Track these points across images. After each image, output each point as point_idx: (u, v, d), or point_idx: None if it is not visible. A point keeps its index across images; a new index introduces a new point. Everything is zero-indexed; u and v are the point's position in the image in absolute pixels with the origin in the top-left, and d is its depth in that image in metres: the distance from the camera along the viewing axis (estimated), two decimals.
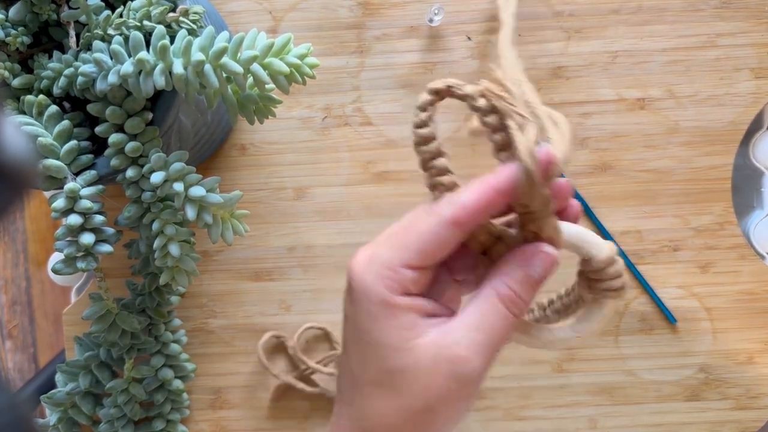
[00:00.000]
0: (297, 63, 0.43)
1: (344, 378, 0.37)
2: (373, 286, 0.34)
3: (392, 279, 0.34)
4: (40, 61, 0.46)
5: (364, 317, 0.34)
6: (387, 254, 0.34)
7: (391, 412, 0.35)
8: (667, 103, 0.60)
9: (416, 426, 0.35)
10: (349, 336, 0.36)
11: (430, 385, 0.34)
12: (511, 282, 0.35)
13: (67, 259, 0.45)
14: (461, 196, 0.34)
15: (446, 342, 0.34)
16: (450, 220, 0.34)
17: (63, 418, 0.58)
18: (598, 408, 0.61)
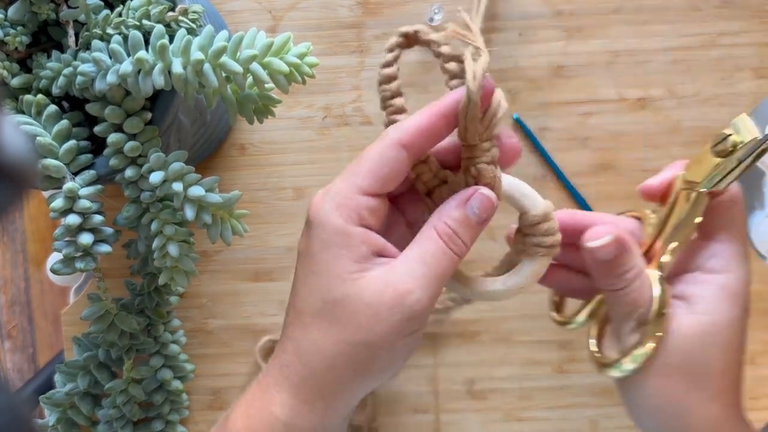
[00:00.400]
0: (297, 62, 0.43)
1: (289, 313, 0.37)
2: (330, 214, 0.35)
3: (348, 207, 0.35)
4: (39, 61, 0.46)
5: (317, 246, 0.35)
6: (342, 185, 0.36)
7: (329, 344, 0.34)
8: (669, 103, 0.60)
9: (354, 362, 0.35)
10: (299, 271, 0.36)
11: (372, 317, 0.34)
12: (450, 220, 0.36)
13: (65, 259, 0.45)
14: (408, 120, 0.36)
15: (392, 276, 0.34)
16: (396, 141, 0.35)
17: (62, 418, 0.58)
18: (599, 409, 0.60)
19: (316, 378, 0.35)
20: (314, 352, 0.35)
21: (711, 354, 0.36)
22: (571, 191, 0.60)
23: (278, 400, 0.35)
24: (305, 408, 0.35)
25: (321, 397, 0.35)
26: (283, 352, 0.36)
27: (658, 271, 0.37)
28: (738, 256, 0.37)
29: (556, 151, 0.60)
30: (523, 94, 0.60)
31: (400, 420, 0.61)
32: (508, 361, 0.61)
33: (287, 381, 0.35)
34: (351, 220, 0.35)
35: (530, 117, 0.60)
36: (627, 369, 0.37)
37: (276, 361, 0.37)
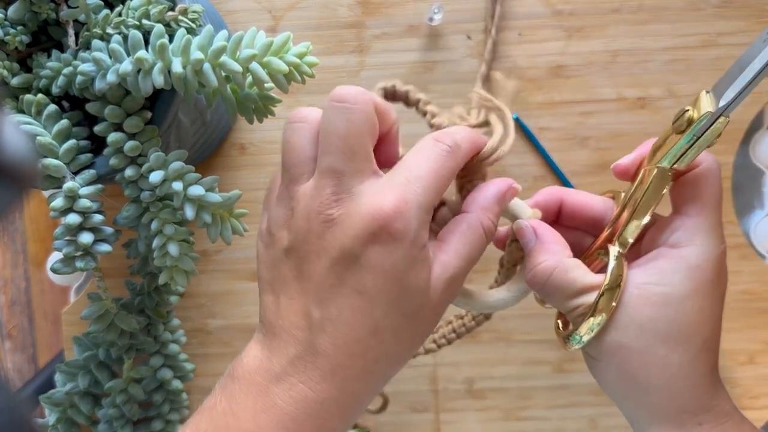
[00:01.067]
0: (296, 62, 0.43)
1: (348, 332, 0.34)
2: (418, 231, 0.34)
3: (428, 221, 0.35)
4: (39, 60, 0.46)
5: (407, 264, 0.34)
6: (423, 198, 0.35)
7: (405, 352, 0.36)
8: (668, 103, 0.60)
9: (410, 354, 0.37)
10: (375, 287, 0.34)
11: (436, 316, 0.36)
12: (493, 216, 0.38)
13: (65, 258, 0.45)
14: (462, 134, 0.38)
15: (448, 275, 0.36)
16: (465, 155, 0.37)
17: (62, 418, 0.58)
18: (599, 408, 0.61)
19: (380, 385, 0.37)
20: (390, 363, 0.36)
21: (661, 327, 0.36)
22: None
23: (337, 415, 0.35)
24: (359, 412, 0.37)
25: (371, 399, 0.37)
26: (344, 368, 0.35)
27: (617, 248, 0.38)
28: (703, 230, 0.37)
29: (556, 151, 0.60)
30: (522, 93, 0.60)
31: (399, 419, 0.61)
32: (508, 361, 0.61)
33: (350, 395, 0.35)
34: (428, 234, 0.36)
35: (530, 116, 0.60)
36: (583, 340, 0.37)
37: (330, 377, 0.35)
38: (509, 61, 0.60)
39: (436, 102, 0.60)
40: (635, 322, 0.36)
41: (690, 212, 0.37)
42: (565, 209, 0.42)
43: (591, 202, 0.41)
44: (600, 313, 0.36)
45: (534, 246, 0.39)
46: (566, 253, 0.39)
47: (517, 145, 0.60)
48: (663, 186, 0.37)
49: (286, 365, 0.35)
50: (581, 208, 0.41)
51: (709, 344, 0.36)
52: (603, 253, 0.39)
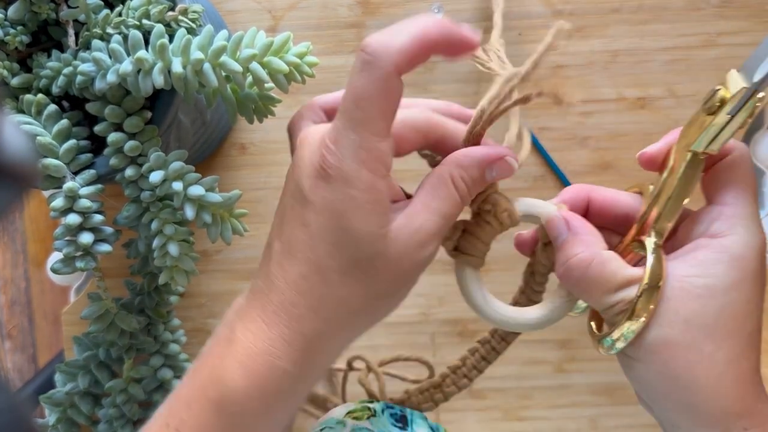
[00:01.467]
0: (296, 62, 0.43)
1: (300, 265, 0.34)
2: (358, 170, 0.32)
3: (373, 158, 0.33)
4: (39, 60, 0.46)
5: (346, 203, 0.33)
6: (356, 134, 0.33)
7: (357, 299, 0.34)
8: (668, 102, 0.60)
9: (373, 312, 0.35)
10: (318, 225, 0.34)
11: (398, 270, 0.34)
12: (468, 178, 0.35)
13: (66, 258, 0.45)
14: (394, 38, 0.32)
15: (413, 227, 0.34)
16: (395, 70, 0.32)
17: (62, 418, 0.58)
18: (599, 408, 0.60)
19: (333, 332, 0.35)
20: (337, 307, 0.34)
21: (707, 321, 0.34)
22: None
23: (285, 356, 0.34)
24: (308, 361, 0.35)
25: (330, 350, 0.35)
26: (293, 306, 0.35)
27: (653, 239, 0.36)
28: (743, 218, 0.35)
29: (556, 151, 0.60)
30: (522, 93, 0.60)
31: None
32: (508, 361, 0.61)
33: (302, 337, 0.34)
34: (378, 172, 0.33)
35: (530, 116, 0.60)
36: (618, 347, 0.35)
37: (281, 312, 0.35)
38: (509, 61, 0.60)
39: None
40: (680, 316, 0.34)
41: (727, 201, 0.35)
42: (593, 206, 0.39)
43: (619, 198, 0.39)
44: (639, 315, 0.34)
45: (566, 238, 0.36)
46: (602, 245, 0.36)
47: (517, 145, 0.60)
48: (697, 172, 0.35)
49: (250, 298, 0.35)
50: (609, 205, 0.39)
51: (754, 338, 0.34)
52: (638, 246, 0.37)
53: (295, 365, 0.34)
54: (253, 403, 0.35)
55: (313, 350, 0.35)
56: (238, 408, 0.35)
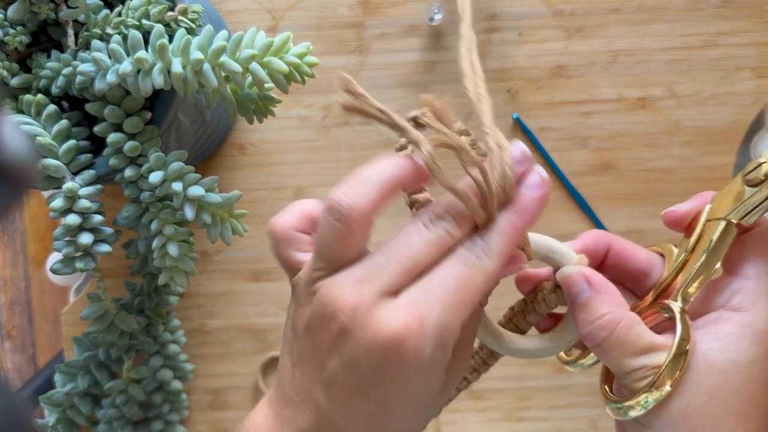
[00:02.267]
0: (296, 62, 0.43)
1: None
2: (435, 358, 0.31)
3: (450, 341, 0.31)
4: (39, 61, 0.46)
5: (415, 384, 0.32)
6: (445, 318, 0.31)
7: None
8: (668, 103, 0.60)
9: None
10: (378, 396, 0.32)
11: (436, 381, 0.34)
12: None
13: (65, 258, 0.45)
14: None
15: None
16: (497, 272, 0.32)
17: (62, 418, 0.58)
18: (599, 408, 0.60)
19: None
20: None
21: (728, 396, 0.33)
22: (570, 191, 0.60)
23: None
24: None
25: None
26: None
27: (679, 303, 0.35)
28: (766, 294, 0.34)
29: (556, 151, 0.60)
30: (522, 93, 0.60)
31: None
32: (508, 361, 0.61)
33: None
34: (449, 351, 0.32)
35: (530, 117, 0.60)
36: (631, 414, 0.34)
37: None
38: (509, 62, 0.60)
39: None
40: (703, 389, 0.33)
41: (750, 274, 0.35)
42: (611, 258, 0.38)
43: (637, 253, 0.38)
44: (664, 383, 0.33)
45: (589, 297, 0.35)
46: (625, 305, 0.35)
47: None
48: (728, 241, 0.35)
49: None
50: (627, 259, 0.38)
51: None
52: (663, 309, 0.36)
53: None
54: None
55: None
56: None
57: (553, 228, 0.60)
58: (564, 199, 0.60)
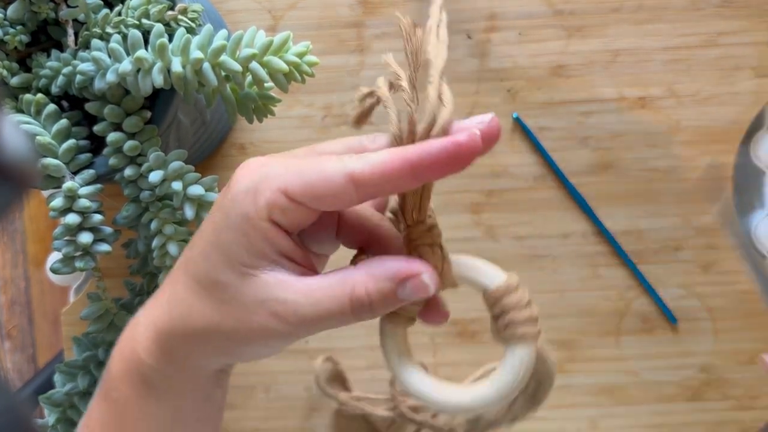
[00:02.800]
0: (296, 61, 0.43)
1: (180, 266, 0.35)
2: (245, 196, 0.32)
3: (266, 198, 0.32)
4: (39, 60, 0.46)
5: (224, 221, 0.33)
6: (275, 173, 0.32)
7: (201, 317, 0.33)
8: (668, 102, 0.60)
9: (214, 343, 0.34)
10: (203, 232, 0.34)
11: (245, 321, 0.32)
12: (375, 291, 0.32)
13: (65, 258, 0.45)
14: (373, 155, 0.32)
15: (278, 297, 0.32)
16: (349, 175, 0.31)
17: (62, 418, 0.58)
18: (599, 409, 0.60)
19: (177, 338, 0.34)
20: (186, 315, 0.34)
21: None
22: (570, 191, 0.60)
23: (144, 345, 0.35)
24: (164, 358, 0.35)
25: (180, 355, 0.35)
26: (157, 301, 0.36)
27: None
28: None
29: (556, 151, 0.60)
30: (522, 93, 0.60)
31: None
32: None
33: (154, 327, 0.35)
34: (261, 212, 0.32)
35: (530, 116, 0.60)
36: None
37: (152, 303, 0.36)
38: (509, 61, 0.60)
39: None
40: None
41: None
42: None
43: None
44: None
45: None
46: None
47: (518, 145, 0.60)
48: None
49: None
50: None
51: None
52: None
53: (150, 356, 0.35)
54: (125, 389, 0.36)
55: (165, 347, 0.35)
56: (116, 393, 0.36)
57: (554, 228, 0.60)
58: (564, 199, 0.60)
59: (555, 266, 0.60)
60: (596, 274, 0.60)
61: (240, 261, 0.32)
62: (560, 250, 0.60)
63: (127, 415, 0.36)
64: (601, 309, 0.60)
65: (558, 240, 0.60)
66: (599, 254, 0.60)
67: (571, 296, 0.60)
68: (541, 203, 0.60)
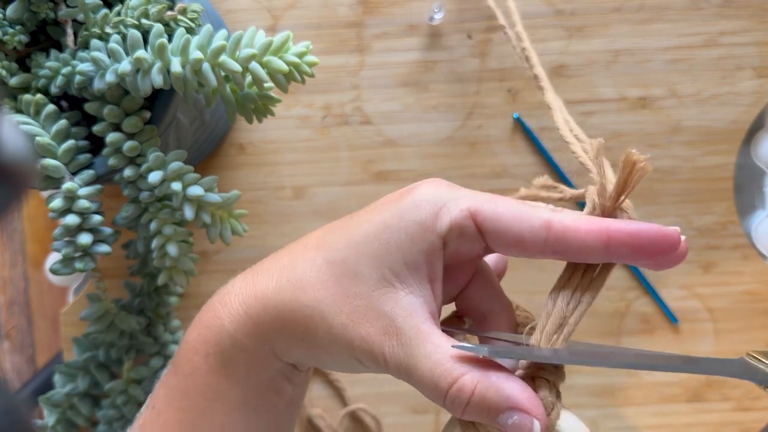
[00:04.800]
0: (296, 61, 0.43)
1: (308, 242, 0.35)
2: (440, 228, 0.31)
3: (460, 236, 0.31)
4: (38, 60, 0.46)
5: (397, 217, 0.31)
6: (476, 201, 0.31)
7: (319, 301, 0.33)
8: (669, 102, 0.59)
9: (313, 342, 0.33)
10: (360, 216, 0.33)
11: (359, 321, 0.32)
12: (479, 396, 0.30)
13: (64, 259, 0.45)
14: (572, 213, 0.31)
15: (405, 327, 0.31)
16: (549, 222, 0.31)
17: (61, 419, 0.57)
18: (600, 409, 0.60)
19: (274, 309, 0.34)
20: (298, 287, 0.33)
21: None
22: None
23: (233, 312, 0.35)
24: (250, 328, 0.34)
25: (267, 329, 0.34)
26: (259, 271, 0.36)
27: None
28: None
29: (557, 151, 0.60)
30: (523, 93, 0.60)
31: (400, 420, 0.61)
32: None
33: (253, 293, 0.35)
34: (442, 227, 0.31)
35: (531, 116, 0.60)
36: None
37: (252, 273, 0.36)
38: (510, 61, 0.60)
39: (435, 102, 0.60)
40: None
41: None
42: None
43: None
44: None
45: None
46: None
47: (518, 145, 0.60)
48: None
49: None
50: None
51: None
52: None
53: (235, 323, 0.34)
54: (198, 361, 0.35)
55: (256, 315, 0.34)
56: (188, 367, 0.35)
57: None
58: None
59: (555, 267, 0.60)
60: None
61: (390, 266, 0.31)
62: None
63: (196, 392, 0.35)
64: (602, 309, 0.60)
65: None
66: None
67: None
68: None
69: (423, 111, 0.60)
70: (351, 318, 0.31)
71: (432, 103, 0.60)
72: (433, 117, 0.60)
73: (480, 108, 0.60)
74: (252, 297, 0.34)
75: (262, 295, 0.34)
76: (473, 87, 0.60)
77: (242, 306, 0.35)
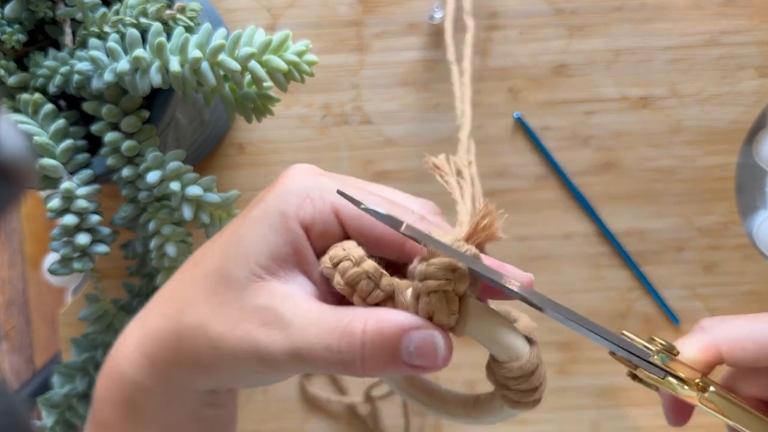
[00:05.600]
0: (295, 60, 0.43)
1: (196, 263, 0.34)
2: (290, 197, 0.32)
3: (323, 229, 0.31)
4: (36, 59, 0.46)
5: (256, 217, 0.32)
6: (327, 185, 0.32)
7: (199, 318, 0.32)
8: (671, 102, 0.59)
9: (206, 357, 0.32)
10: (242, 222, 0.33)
11: (235, 325, 0.31)
12: (372, 331, 0.30)
13: (63, 259, 0.44)
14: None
15: (283, 309, 0.30)
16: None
17: (59, 420, 0.57)
18: (601, 410, 0.60)
19: (166, 342, 0.33)
20: (180, 310, 0.32)
21: None
22: (572, 191, 0.59)
23: (130, 358, 0.34)
24: (149, 369, 0.33)
25: (165, 365, 0.33)
26: (150, 308, 0.35)
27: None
28: None
29: (558, 150, 0.59)
30: (524, 92, 0.60)
31: (400, 421, 0.61)
32: None
33: (144, 334, 0.34)
34: (304, 218, 0.31)
35: (531, 116, 0.60)
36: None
37: (142, 314, 0.35)
38: (510, 60, 0.60)
39: (435, 101, 0.59)
40: None
41: None
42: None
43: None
44: None
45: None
46: None
47: (519, 145, 0.60)
48: None
49: None
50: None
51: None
52: None
53: (134, 366, 0.33)
54: (110, 412, 0.34)
55: (152, 354, 0.33)
56: (102, 416, 0.35)
57: (555, 228, 0.60)
58: (566, 199, 0.60)
59: (556, 267, 0.60)
60: (598, 275, 0.60)
61: (257, 261, 0.31)
62: (562, 250, 0.60)
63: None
64: (603, 310, 0.60)
65: (560, 240, 0.60)
66: (601, 255, 0.60)
67: (573, 297, 0.60)
68: (542, 203, 0.60)
69: (423, 111, 0.60)
70: (228, 324, 0.31)
71: (432, 102, 0.60)
72: (433, 117, 0.60)
73: (481, 107, 0.60)
74: (144, 336, 0.34)
75: (154, 332, 0.33)
76: (474, 86, 0.60)
77: (137, 348, 0.34)
